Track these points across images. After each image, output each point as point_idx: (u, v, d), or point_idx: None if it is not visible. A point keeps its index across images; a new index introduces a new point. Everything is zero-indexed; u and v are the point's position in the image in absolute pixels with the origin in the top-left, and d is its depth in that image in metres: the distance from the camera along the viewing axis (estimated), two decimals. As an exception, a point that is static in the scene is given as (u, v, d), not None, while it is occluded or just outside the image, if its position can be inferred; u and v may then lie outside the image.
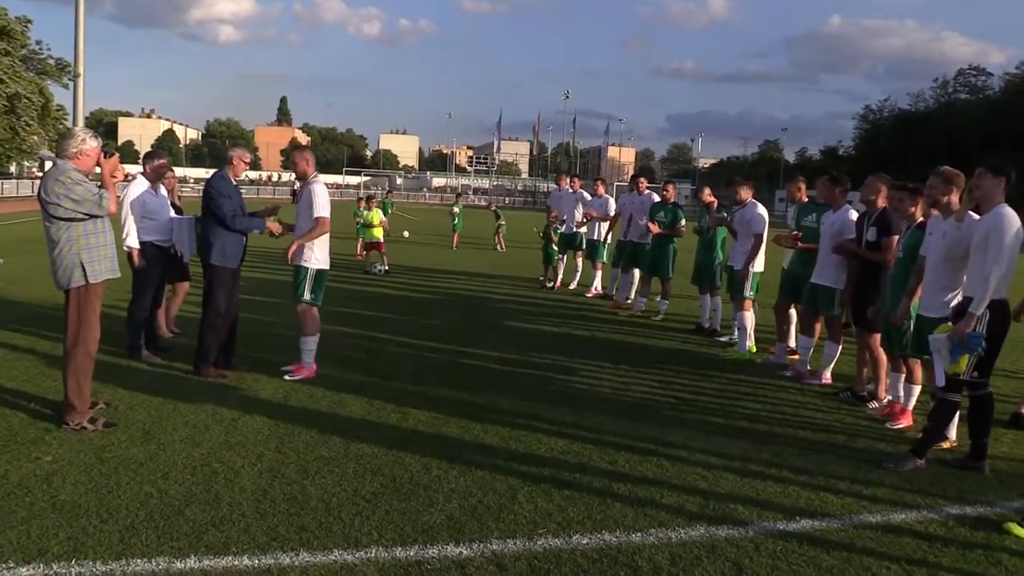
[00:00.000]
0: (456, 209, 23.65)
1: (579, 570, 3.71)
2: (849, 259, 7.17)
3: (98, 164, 5.50)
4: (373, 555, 3.75)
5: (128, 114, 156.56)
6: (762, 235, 8.90)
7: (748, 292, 8.87)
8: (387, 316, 10.50)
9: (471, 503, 4.41)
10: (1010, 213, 5.05)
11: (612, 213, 13.08)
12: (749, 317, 8.90)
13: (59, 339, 5.70)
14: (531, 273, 16.07)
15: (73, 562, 3.55)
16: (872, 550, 4.06)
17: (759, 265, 9.02)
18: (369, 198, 18.78)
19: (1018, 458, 5.73)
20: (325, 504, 4.30)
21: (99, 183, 5.48)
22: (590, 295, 13.29)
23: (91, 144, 5.45)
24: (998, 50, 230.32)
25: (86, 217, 5.31)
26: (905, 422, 6.31)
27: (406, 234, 24.85)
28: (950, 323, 5.27)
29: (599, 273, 13.59)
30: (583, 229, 13.82)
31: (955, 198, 5.72)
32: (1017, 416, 6.59)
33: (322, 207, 6.82)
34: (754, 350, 8.93)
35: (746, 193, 9.21)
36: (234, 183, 6.92)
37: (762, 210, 9.08)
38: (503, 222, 23.34)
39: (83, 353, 5.38)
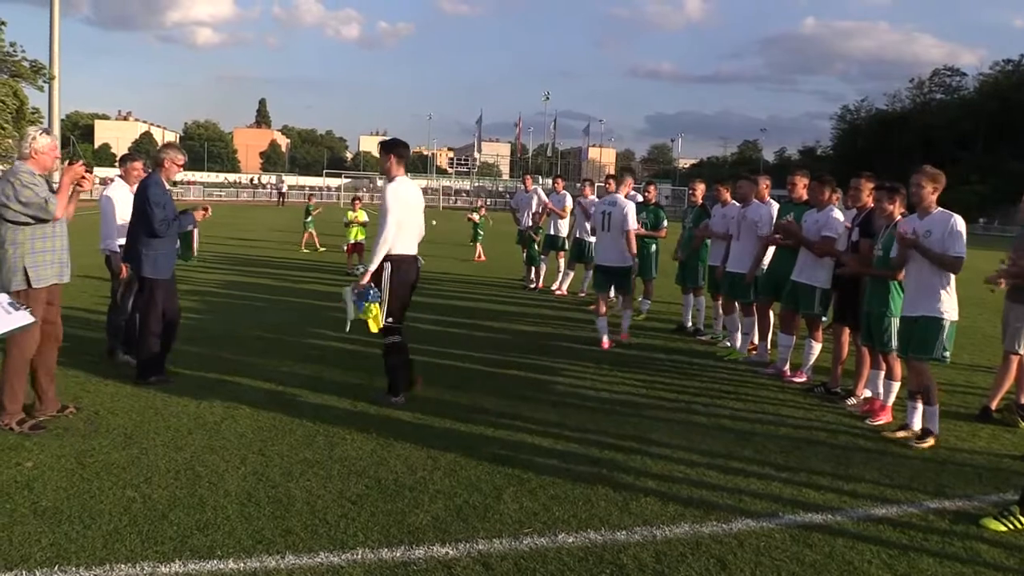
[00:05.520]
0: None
1: (565, 569, 3.73)
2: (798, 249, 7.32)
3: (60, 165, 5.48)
4: (359, 557, 3.75)
5: (105, 117, 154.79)
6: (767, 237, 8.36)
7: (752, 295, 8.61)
8: (370, 318, 10.47)
9: (457, 503, 4.42)
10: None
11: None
12: (752, 320, 8.77)
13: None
14: (512, 275, 16.09)
15: (56, 568, 3.52)
16: (854, 544, 4.11)
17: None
18: (354, 199, 18.83)
19: (996, 452, 5.82)
20: (310, 506, 4.30)
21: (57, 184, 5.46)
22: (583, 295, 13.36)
23: (43, 142, 5.40)
24: (969, 51, 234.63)
25: (33, 220, 5.27)
26: (884, 418, 6.38)
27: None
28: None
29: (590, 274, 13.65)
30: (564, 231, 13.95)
31: (935, 196, 5.86)
32: (985, 410, 6.69)
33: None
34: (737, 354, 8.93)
35: (750, 190, 8.81)
36: (166, 187, 6.66)
37: (770, 209, 8.58)
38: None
39: (18, 355, 5.33)
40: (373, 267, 6.07)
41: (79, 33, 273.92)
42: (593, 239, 13.12)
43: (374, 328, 6.10)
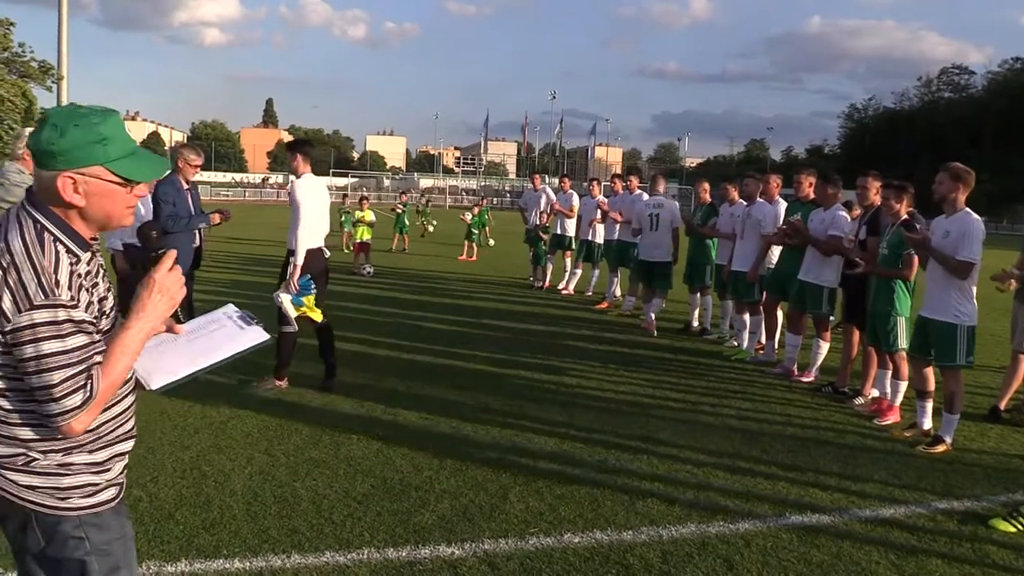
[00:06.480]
0: (400, 208, 23.20)
1: (571, 569, 3.72)
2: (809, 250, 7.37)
3: None
4: (365, 556, 3.75)
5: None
6: (770, 235, 8.30)
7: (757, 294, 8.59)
8: (375, 318, 10.48)
9: (462, 503, 4.41)
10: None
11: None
12: (760, 319, 8.71)
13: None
14: (518, 274, 16.08)
15: (62, 567, 3.52)
16: (861, 545, 4.10)
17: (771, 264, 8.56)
18: (362, 199, 19.01)
19: (1004, 453, 5.79)
20: (316, 506, 4.30)
21: None
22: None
23: None
24: (976, 49, 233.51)
25: None
26: (892, 418, 6.35)
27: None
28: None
29: (597, 273, 13.70)
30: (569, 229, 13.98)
31: (962, 196, 5.68)
32: (994, 410, 6.65)
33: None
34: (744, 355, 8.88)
35: (756, 188, 8.80)
36: (185, 186, 6.73)
37: (776, 208, 8.50)
38: None
39: None
40: (300, 260, 6.28)
41: (87, 33, 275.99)
42: (600, 240, 13.18)
43: (318, 317, 6.42)
